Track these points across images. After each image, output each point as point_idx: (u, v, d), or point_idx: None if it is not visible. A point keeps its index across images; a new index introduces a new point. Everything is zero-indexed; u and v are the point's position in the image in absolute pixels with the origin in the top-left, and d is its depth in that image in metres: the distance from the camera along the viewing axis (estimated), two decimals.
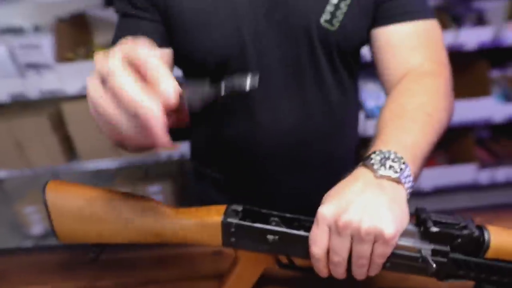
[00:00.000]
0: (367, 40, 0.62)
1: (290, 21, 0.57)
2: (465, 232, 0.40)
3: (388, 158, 0.42)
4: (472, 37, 1.48)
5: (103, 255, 0.51)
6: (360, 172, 0.42)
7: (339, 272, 0.41)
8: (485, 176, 1.80)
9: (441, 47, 0.59)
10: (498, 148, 1.89)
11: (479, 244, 0.40)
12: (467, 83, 1.75)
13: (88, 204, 0.45)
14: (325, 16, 0.56)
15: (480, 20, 1.55)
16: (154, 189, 1.69)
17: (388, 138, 0.45)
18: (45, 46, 1.40)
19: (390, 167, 0.41)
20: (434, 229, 0.39)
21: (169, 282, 0.54)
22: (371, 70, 0.66)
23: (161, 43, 0.59)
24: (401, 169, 0.41)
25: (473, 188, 1.84)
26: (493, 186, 1.83)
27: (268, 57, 0.59)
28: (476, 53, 1.63)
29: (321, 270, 0.42)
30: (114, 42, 0.59)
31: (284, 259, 0.47)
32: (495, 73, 1.82)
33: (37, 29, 1.95)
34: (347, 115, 0.70)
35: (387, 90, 0.60)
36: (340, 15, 0.57)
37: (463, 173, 1.79)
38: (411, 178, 0.42)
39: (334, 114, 0.66)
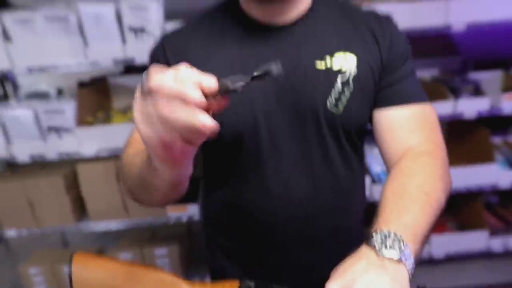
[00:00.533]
0: (369, 120, 0.68)
1: (299, 104, 0.63)
2: None
3: (388, 237, 0.45)
4: (470, 106, 1.55)
5: None
6: (364, 252, 0.45)
7: None
8: (497, 243, 1.76)
9: (437, 129, 0.64)
10: (508, 214, 1.87)
11: None
12: (471, 149, 1.80)
13: (110, 277, 0.48)
14: (331, 101, 0.63)
15: (477, 91, 1.64)
16: (161, 252, 1.67)
17: (389, 218, 0.49)
18: (67, 111, 1.50)
19: (391, 247, 0.44)
20: None
21: None
22: None
23: None
24: (401, 249, 0.44)
25: (486, 255, 1.79)
26: (507, 254, 1.78)
27: (279, 134, 0.64)
28: (476, 120, 1.70)
29: None
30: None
31: None
32: (497, 140, 1.87)
33: (60, 92, 2.10)
34: (354, 188, 0.73)
35: (388, 166, 0.65)
36: (344, 99, 0.63)
37: (475, 240, 1.75)
38: (411, 257, 0.44)
39: (341, 188, 0.70)
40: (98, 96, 1.75)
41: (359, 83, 0.63)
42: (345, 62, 0.63)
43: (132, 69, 1.90)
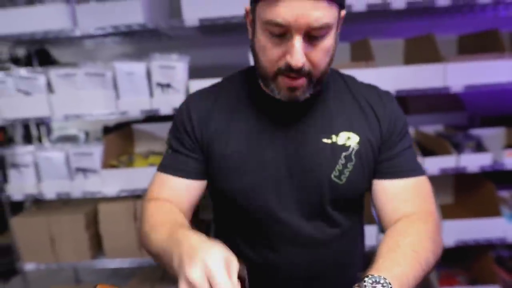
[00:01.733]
0: (369, 187, 0.75)
1: (306, 173, 0.71)
2: None
3: (378, 282, 0.52)
4: (472, 161, 1.62)
5: None
6: None
7: None
8: None
9: (430, 198, 0.72)
10: None
11: None
12: (477, 203, 1.82)
13: None
14: (335, 173, 0.70)
15: (479, 146, 1.71)
16: None
17: (381, 267, 0.56)
18: (95, 154, 1.64)
19: None
20: None
21: None
22: None
23: (201, 177, 0.75)
24: None
25: None
26: None
27: (286, 199, 0.72)
28: (482, 174, 1.75)
29: None
30: (165, 166, 0.76)
31: None
32: (504, 193, 1.89)
33: (87, 135, 2.27)
34: (355, 244, 0.81)
35: (383, 228, 0.72)
36: (347, 172, 0.71)
37: None
38: None
39: (342, 245, 0.76)
40: (122, 141, 1.89)
41: (360, 157, 0.70)
42: (348, 140, 0.71)
43: (154, 117, 2.07)
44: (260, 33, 0.63)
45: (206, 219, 1.84)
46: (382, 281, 0.52)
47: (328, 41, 0.62)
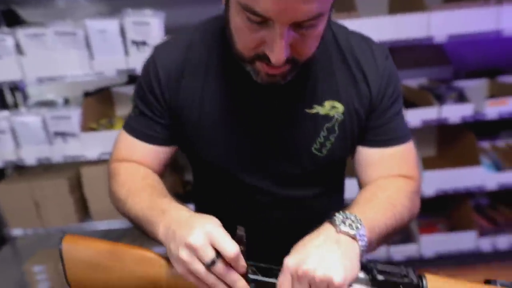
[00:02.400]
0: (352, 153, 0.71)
1: (285, 146, 0.66)
2: (406, 280, 0.48)
3: (349, 218, 0.52)
4: (454, 112, 1.63)
5: None
6: (324, 228, 0.52)
7: None
8: (486, 243, 1.81)
9: (414, 164, 0.69)
10: (497, 215, 1.92)
11: None
12: (459, 153, 1.86)
13: (96, 254, 0.53)
14: (315, 146, 0.66)
15: (461, 98, 1.71)
16: (159, 251, 1.74)
17: (354, 210, 0.56)
18: (73, 118, 1.60)
19: (349, 225, 0.51)
20: (380, 277, 0.48)
21: None
22: None
23: (171, 143, 0.70)
24: (358, 228, 0.50)
25: (475, 255, 1.83)
26: (495, 254, 1.82)
27: (264, 171, 0.68)
28: (463, 126, 1.77)
29: None
30: (132, 128, 0.69)
31: None
32: (484, 144, 1.93)
33: (66, 102, 2.21)
34: (336, 199, 0.80)
35: (362, 186, 0.69)
36: (328, 144, 0.66)
37: (464, 240, 1.81)
38: (365, 240, 0.51)
39: (323, 203, 0.75)
40: (102, 104, 1.85)
41: (344, 128, 0.65)
42: (332, 110, 0.64)
43: (134, 79, 2.01)
44: (234, 13, 0.51)
45: (191, 180, 1.85)
46: (352, 218, 0.52)
47: (320, 28, 0.51)
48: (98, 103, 1.79)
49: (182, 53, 0.66)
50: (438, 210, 2.02)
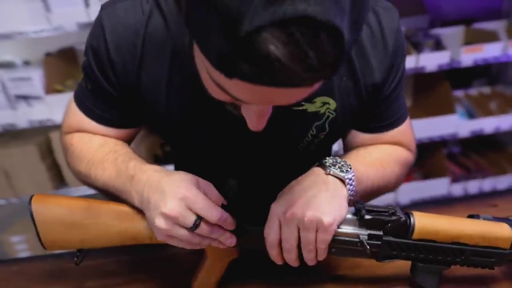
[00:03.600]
0: None
1: (268, 145, 0.58)
2: (394, 217, 0.48)
3: (339, 162, 0.50)
4: (431, 60, 1.62)
5: (89, 261, 0.56)
6: (313, 171, 0.50)
7: (292, 258, 0.48)
8: (458, 189, 1.90)
9: (412, 138, 0.64)
10: (468, 162, 2.01)
11: (407, 227, 0.48)
12: (434, 102, 1.89)
13: (69, 213, 0.50)
14: (303, 145, 0.59)
15: (438, 45, 1.70)
16: None
17: (345, 158, 0.53)
18: (35, 79, 1.48)
19: (339, 168, 0.49)
20: (368, 216, 0.47)
21: (152, 280, 0.60)
22: None
23: (132, 125, 0.60)
24: (348, 171, 0.49)
25: (447, 200, 1.93)
26: (466, 198, 1.92)
27: (245, 168, 0.61)
28: (439, 75, 1.78)
29: (276, 257, 0.49)
30: (84, 106, 0.57)
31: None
32: (458, 93, 1.97)
33: (27, 63, 2.04)
34: None
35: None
36: (317, 141, 0.59)
37: (437, 186, 1.89)
38: (353, 184, 0.49)
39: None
40: (67, 64, 1.72)
41: (335, 125, 0.57)
42: (323, 107, 0.55)
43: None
44: (199, 67, 0.38)
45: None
46: (342, 162, 0.50)
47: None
48: (61, 63, 1.67)
49: (141, 26, 0.50)
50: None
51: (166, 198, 0.44)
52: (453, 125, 1.76)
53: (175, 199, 0.43)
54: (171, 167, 0.79)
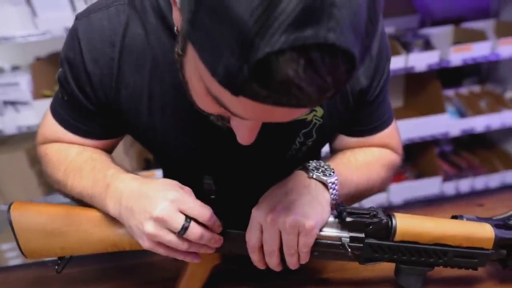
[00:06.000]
0: None
1: (254, 156, 0.55)
2: (375, 220, 0.47)
3: (323, 166, 0.50)
4: (420, 60, 1.63)
5: (71, 268, 0.56)
6: (295, 174, 0.50)
7: (274, 263, 0.48)
8: (450, 187, 1.91)
9: (398, 141, 0.64)
10: (460, 161, 2.02)
11: (388, 229, 0.47)
12: (425, 101, 1.90)
13: (49, 220, 0.50)
14: (290, 153, 0.58)
15: (427, 45, 1.71)
16: None
17: (329, 162, 0.53)
18: (22, 84, 1.47)
19: (322, 172, 0.49)
20: (349, 219, 0.47)
21: (134, 286, 0.59)
22: None
23: (111, 136, 0.59)
24: (331, 175, 0.49)
25: (439, 199, 1.94)
26: (458, 196, 1.93)
27: (230, 180, 0.57)
28: (430, 75, 1.79)
29: (258, 262, 0.48)
30: (61, 118, 0.55)
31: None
32: (449, 92, 1.98)
33: (15, 69, 2.02)
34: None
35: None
36: (305, 148, 0.59)
37: (430, 186, 1.89)
38: (336, 189, 0.49)
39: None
40: (56, 70, 1.69)
41: (323, 131, 0.57)
42: (310, 114, 0.55)
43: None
44: (192, 75, 0.36)
45: None
46: (325, 166, 0.50)
47: None
48: (50, 68, 1.65)
49: (118, 36, 0.49)
50: (405, 159, 2.09)
51: (155, 202, 0.43)
52: (444, 124, 1.77)
53: (165, 201, 0.43)
54: (161, 172, 0.79)
